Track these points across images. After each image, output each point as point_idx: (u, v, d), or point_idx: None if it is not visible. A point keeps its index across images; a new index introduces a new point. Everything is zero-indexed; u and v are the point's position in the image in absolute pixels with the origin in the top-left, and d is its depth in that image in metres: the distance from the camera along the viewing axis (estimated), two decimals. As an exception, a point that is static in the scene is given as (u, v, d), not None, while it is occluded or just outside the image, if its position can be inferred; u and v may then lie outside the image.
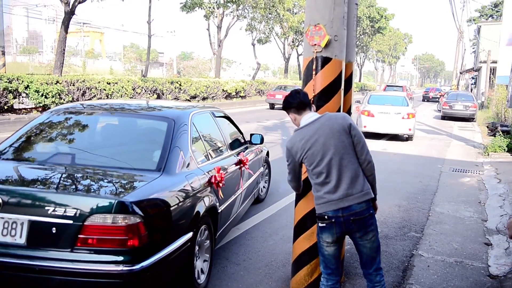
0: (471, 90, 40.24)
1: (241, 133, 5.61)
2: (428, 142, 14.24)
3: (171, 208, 3.08)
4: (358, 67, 64.78)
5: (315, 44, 3.25)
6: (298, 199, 3.43)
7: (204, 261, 3.70)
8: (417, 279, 4.10)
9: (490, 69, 31.14)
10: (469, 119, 22.70)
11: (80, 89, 15.16)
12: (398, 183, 8.12)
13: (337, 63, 3.30)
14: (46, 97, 13.64)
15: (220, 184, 3.86)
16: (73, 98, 14.82)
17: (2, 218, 2.74)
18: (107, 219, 2.68)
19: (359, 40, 56.63)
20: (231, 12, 28.77)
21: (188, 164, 3.56)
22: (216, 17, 27.84)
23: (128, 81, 17.59)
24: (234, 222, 4.82)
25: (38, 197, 2.80)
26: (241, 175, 4.81)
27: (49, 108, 13.81)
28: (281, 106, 3.33)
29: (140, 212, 2.74)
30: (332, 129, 2.86)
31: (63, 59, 16.54)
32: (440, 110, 25.70)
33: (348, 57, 3.70)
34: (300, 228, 3.41)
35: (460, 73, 49.55)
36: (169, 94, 20.28)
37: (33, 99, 13.37)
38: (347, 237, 3.03)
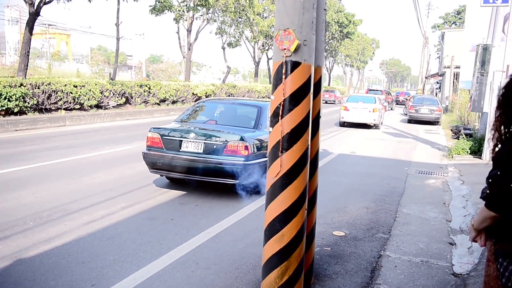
0: (436, 94, 41.34)
1: None
2: (395, 145, 14.57)
3: (259, 143, 6.73)
4: (327, 71, 65.66)
5: (285, 49, 3.29)
6: (268, 202, 3.45)
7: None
8: (385, 279, 4.19)
9: (454, 74, 32.11)
10: (434, 122, 23.36)
11: (46, 92, 14.77)
12: (366, 185, 8.27)
13: (306, 68, 3.34)
14: (9, 100, 13.24)
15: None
16: (37, 102, 14.43)
17: (194, 142, 6.55)
18: (236, 142, 6.39)
19: (328, 44, 57.42)
20: (201, 15, 28.63)
21: (267, 127, 6.96)
22: (186, 20, 27.66)
23: (96, 84, 17.26)
24: None
25: (208, 134, 6.64)
26: None
27: (12, 111, 13.44)
28: None
29: (247, 141, 6.45)
30: None
31: (28, 61, 16.06)
32: (406, 114, 26.53)
33: (317, 62, 3.75)
34: (270, 230, 3.43)
35: (426, 77, 50.89)
36: (138, 97, 20.00)
37: (-4, 102, 12.95)
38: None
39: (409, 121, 23.97)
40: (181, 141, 6.61)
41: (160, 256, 4.45)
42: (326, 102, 41.91)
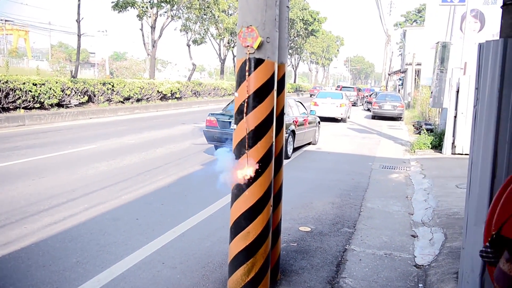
0: (399, 91, 42.30)
1: (306, 109, 12.76)
2: (360, 140, 14.82)
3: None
4: (293, 68, 66.11)
5: (248, 46, 3.28)
6: (234, 199, 3.44)
7: (290, 149, 10.61)
8: (350, 273, 4.26)
9: (415, 71, 32.90)
10: (397, 118, 23.94)
11: (3, 91, 14.22)
12: (332, 181, 8.38)
13: (270, 65, 3.35)
14: (-36, 99, 12.68)
15: (295, 123, 10.86)
16: (-5, 100, 13.89)
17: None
18: None
19: (293, 42, 57.81)
20: (165, 12, 28.26)
21: (289, 114, 10.57)
22: (150, 17, 27.24)
23: (57, 82, 16.76)
24: (300, 138, 11.54)
25: None
26: (305, 123, 11.75)
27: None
28: None
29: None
30: None
31: (-16, 59, 15.45)
32: (368, 109, 27.34)
33: (281, 59, 3.76)
34: (236, 228, 3.43)
35: (389, 74, 52.04)
36: (101, 95, 19.56)
37: (-51, 101, 12.37)
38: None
39: (373, 117, 24.47)
40: (230, 121, 9.63)
41: (125, 257, 4.37)
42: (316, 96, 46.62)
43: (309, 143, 12.92)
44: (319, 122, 13.50)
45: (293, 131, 10.64)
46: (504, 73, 2.76)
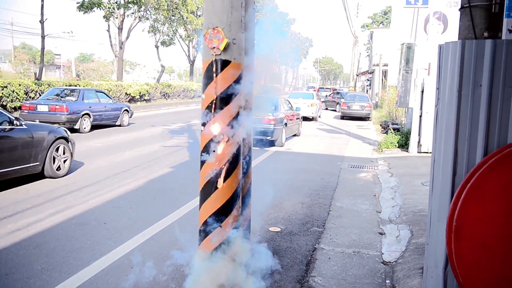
0: (367, 91, 43.03)
1: (292, 106, 15.13)
2: (329, 141, 15.01)
3: (279, 118, 12.33)
4: (263, 69, 66.27)
5: (214, 47, 3.29)
6: (202, 201, 3.43)
7: (284, 138, 13.06)
8: (319, 271, 4.31)
9: (382, 71, 33.58)
10: (365, 118, 24.36)
11: (-37, 94, 13.75)
12: (301, 181, 8.45)
13: (237, 66, 3.36)
14: None
15: (287, 117, 13.58)
16: (-46, 104, 13.40)
17: None
18: (269, 117, 11.91)
19: (263, 43, 58.02)
20: (133, 13, 27.88)
21: (280, 111, 12.94)
22: (117, 18, 26.83)
23: (20, 85, 16.32)
24: (290, 130, 13.96)
25: None
26: (293, 118, 14.40)
27: None
28: None
29: (274, 116, 12.04)
30: None
31: None
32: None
33: (248, 60, 3.77)
34: (204, 229, 3.41)
35: (357, 75, 52.88)
36: (68, 98, 19.12)
37: None
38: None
39: (342, 117, 24.83)
40: None
41: (93, 262, 4.29)
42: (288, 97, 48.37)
43: (294, 135, 15.30)
44: (302, 118, 16.42)
45: (285, 124, 12.96)
46: (462, 74, 2.85)
